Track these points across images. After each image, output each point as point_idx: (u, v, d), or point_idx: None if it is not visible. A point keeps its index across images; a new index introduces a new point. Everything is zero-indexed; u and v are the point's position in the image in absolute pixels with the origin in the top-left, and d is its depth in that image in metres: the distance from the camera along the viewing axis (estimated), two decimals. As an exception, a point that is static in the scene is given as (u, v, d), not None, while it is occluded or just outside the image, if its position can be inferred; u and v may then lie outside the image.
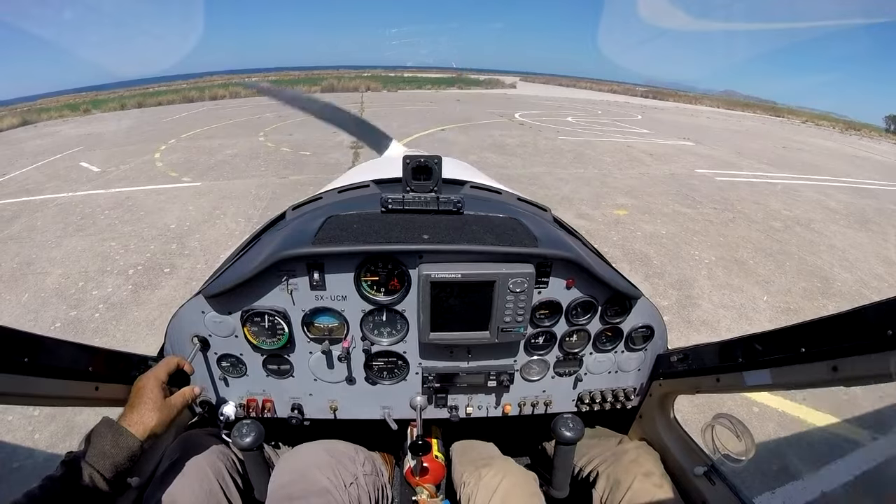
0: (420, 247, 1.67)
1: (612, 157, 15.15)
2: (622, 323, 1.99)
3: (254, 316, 1.79)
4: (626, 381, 2.17)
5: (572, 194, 10.51)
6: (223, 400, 2.02)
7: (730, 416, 1.70)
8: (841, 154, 21.18)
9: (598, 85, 72.98)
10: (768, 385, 1.44)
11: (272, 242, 1.79)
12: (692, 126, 26.37)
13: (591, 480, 1.94)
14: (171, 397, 1.53)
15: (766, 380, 1.44)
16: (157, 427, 1.42)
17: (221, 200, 9.59)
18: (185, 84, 53.70)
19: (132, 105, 32.79)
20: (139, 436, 1.36)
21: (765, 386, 1.47)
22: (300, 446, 1.88)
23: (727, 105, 49.45)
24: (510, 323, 1.76)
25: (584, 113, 29.66)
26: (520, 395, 2.13)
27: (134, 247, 7.39)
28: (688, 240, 8.23)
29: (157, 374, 1.54)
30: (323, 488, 1.64)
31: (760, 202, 10.92)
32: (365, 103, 29.54)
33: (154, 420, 1.42)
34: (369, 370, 1.98)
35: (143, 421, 1.41)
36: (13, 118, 25.72)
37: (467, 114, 25.30)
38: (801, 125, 37.56)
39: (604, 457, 2.01)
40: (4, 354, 1.22)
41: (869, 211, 10.93)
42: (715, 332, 5.42)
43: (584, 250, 1.92)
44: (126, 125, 22.36)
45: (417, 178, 1.90)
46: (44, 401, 1.49)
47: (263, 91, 3.79)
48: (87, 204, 9.59)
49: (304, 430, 2.06)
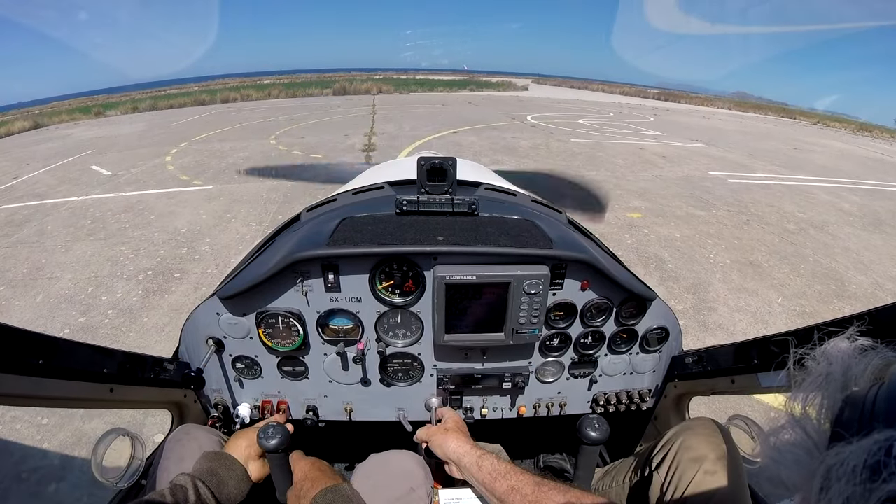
0: (435, 248, 1.67)
1: (624, 160, 15.08)
2: (637, 325, 1.98)
3: (268, 317, 1.79)
4: (641, 382, 2.16)
5: (584, 197, 10.45)
6: (238, 402, 2.02)
7: (745, 418, 1.68)
8: (853, 155, 20.94)
9: (610, 87, 72.69)
10: (784, 387, 1.42)
11: (287, 244, 1.80)
12: (704, 128, 26.19)
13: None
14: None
15: (782, 381, 1.42)
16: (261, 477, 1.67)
17: (232, 204, 9.61)
18: (197, 87, 54.04)
19: (144, 108, 33.06)
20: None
21: (780, 388, 1.45)
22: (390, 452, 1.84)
23: (739, 107, 49.05)
24: (525, 325, 1.75)
25: (595, 115, 29.55)
26: (535, 397, 2.12)
27: (144, 251, 7.41)
28: (702, 243, 8.16)
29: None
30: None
31: (774, 204, 10.82)
32: (377, 106, 29.63)
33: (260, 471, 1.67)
34: (384, 372, 1.97)
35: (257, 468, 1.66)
36: (25, 121, 26.07)
37: (479, 116, 25.28)
38: (812, 126, 37.24)
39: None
40: (19, 356, 1.22)
41: (883, 213, 10.79)
42: (731, 336, 5.35)
43: (599, 252, 1.91)
44: (137, 128, 22.56)
45: (432, 179, 1.90)
46: (58, 402, 1.50)
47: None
48: (97, 208, 9.65)
49: (319, 431, 2.06)
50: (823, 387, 0.65)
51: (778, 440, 0.66)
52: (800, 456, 0.61)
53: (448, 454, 1.63)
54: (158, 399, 1.91)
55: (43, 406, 2.36)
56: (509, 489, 1.38)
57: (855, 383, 0.62)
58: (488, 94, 49.53)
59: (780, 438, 0.66)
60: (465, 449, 1.59)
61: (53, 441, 3.74)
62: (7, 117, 29.54)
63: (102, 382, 1.55)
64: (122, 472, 1.55)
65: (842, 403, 0.60)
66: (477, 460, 1.52)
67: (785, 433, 0.65)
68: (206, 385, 1.87)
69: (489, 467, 1.47)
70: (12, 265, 7.02)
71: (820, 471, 0.54)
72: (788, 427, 0.66)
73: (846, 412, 0.58)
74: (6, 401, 1.25)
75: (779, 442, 0.66)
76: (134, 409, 3.62)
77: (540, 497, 1.31)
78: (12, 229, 8.54)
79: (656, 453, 1.70)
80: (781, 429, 0.66)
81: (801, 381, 0.70)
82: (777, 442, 0.66)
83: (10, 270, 6.86)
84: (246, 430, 1.77)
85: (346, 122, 22.44)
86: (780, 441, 0.65)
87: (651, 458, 1.72)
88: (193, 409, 2.04)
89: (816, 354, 0.72)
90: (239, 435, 1.72)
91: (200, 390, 1.98)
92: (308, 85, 49.11)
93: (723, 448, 1.53)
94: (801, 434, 0.63)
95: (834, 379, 0.65)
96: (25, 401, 1.33)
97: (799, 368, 0.72)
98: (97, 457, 1.48)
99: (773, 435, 0.67)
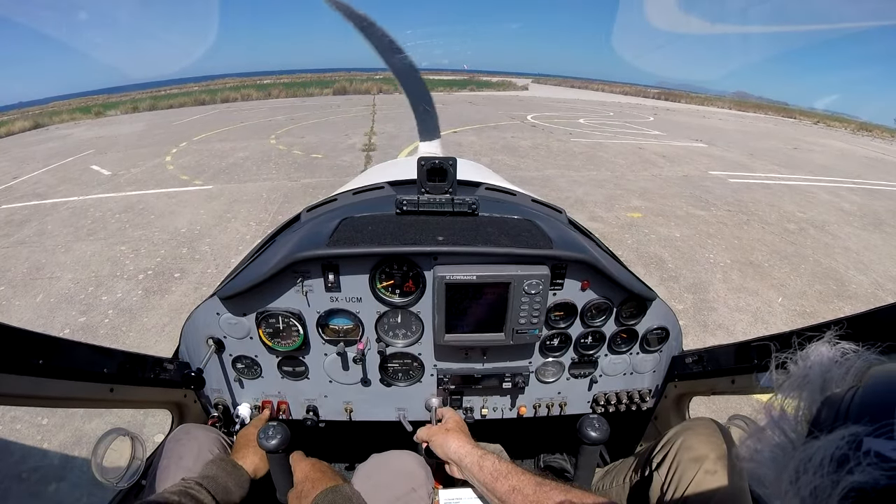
0: (435, 248, 1.67)
1: (624, 159, 15.08)
2: (637, 325, 1.98)
3: (269, 317, 1.79)
4: (641, 382, 2.16)
5: (585, 196, 10.46)
6: (238, 402, 2.02)
7: (745, 418, 1.68)
8: (853, 155, 20.92)
9: (610, 87, 72.62)
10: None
11: (287, 244, 1.80)
12: (704, 127, 26.18)
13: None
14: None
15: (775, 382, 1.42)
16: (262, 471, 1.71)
17: (232, 204, 9.62)
18: (197, 87, 54.00)
19: (144, 108, 33.07)
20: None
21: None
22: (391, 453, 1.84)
23: (739, 106, 48.98)
24: (525, 325, 1.75)
25: (596, 115, 29.53)
26: (535, 397, 2.12)
27: (144, 251, 7.41)
28: (702, 242, 8.16)
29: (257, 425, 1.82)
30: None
31: (774, 204, 10.81)
32: (377, 105, 29.61)
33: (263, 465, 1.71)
34: (384, 372, 1.97)
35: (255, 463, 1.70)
36: (25, 121, 26.09)
37: (480, 116, 25.26)
38: (813, 126, 37.22)
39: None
40: (19, 356, 1.22)
41: (883, 212, 10.79)
42: (731, 336, 5.35)
43: (599, 252, 1.91)
44: (137, 128, 22.56)
45: (432, 179, 1.90)
46: (58, 402, 1.50)
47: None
48: (97, 208, 9.66)
49: (320, 431, 2.06)
50: (802, 388, 0.67)
51: (758, 441, 0.67)
52: (776, 454, 0.62)
53: (449, 454, 1.63)
54: (158, 399, 1.91)
55: (43, 406, 2.36)
56: (510, 489, 1.38)
57: (835, 385, 0.63)
58: (488, 93, 49.50)
59: (760, 439, 0.67)
60: (467, 449, 1.59)
61: (53, 441, 3.74)
62: (7, 117, 29.56)
63: (102, 382, 1.55)
64: (122, 472, 1.55)
65: (819, 404, 0.61)
66: (478, 460, 1.52)
67: (765, 434, 0.67)
68: (206, 385, 1.87)
69: (490, 467, 1.47)
70: (12, 265, 7.02)
71: (791, 465, 0.56)
72: (768, 428, 0.67)
73: (823, 412, 0.59)
74: (6, 401, 1.24)
75: (759, 442, 0.67)
76: (134, 409, 3.62)
77: (541, 497, 1.31)
78: (12, 229, 8.55)
79: (656, 453, 1.70)
80: (762, 430, 0.68)
81: (781, 384, 0.72)
82: (757, 442, 0.67)
83: (11, 270, 6.86)
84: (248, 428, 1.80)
85: (346, 121, 22.45)
86: (761, 441, 0.67)
87: (651, 458, 1.72)
88: (193, 409, 2.04)
89: (797, 357, 0.73)
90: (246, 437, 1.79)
91: (200, 390, 1.98)
92: (308, 85, 49.08)
93: (723, 448, 1.53)
94: (779, 434, 0.65)
95: (812, 381, 0.66)
96: (25, 401, 1.33)
97: (781, 371, 0.74)
98: (97, 457, 1.47)
99: (754, 436, 0.68)
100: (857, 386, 0.59)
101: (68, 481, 3.40)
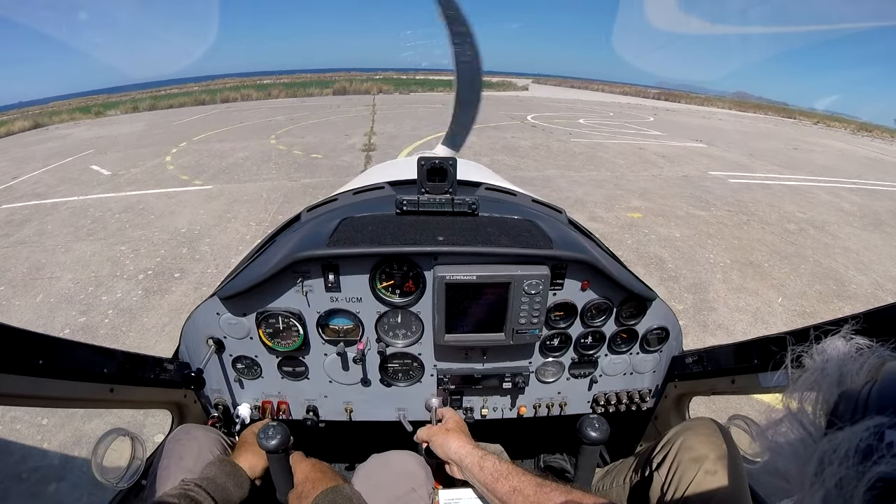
0: (435, 248, 1.66)
1: (624, 160, 15.07)
2: (637, 325, 1.98)
3: (269, 317, 1.79)
4: (641, 382, 2.16)
5: (585, 196, 10.45)
6: (238, 402, 2.02)
7: (745, 418, 1.68)
8: (853, 155, 20.91)
9: (610, 87, 72.56)
10: (783, 386, 1.43)
11: (287, 244, 1.80)
12: (704, 128, 26.17)
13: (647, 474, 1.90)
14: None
15: (781, 381, 1.42)
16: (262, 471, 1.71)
17: (232, 204, 9.62)
18: (197, 87, 53.98)
19: (144, 108, 33.02)
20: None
21: (780, 387, 1.45)
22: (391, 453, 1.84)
23: (739, 107, 48.94)
24: (525, 325, 1.75)
25: (596, 115, 29.50)
26: (535, 397, 2.12)
27: (144, 251, 7.41)
28: (702, 243, 8.16)
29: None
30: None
31: (774, 204, 10.81)
32: (377, 106, 29.59)
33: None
34: (384, 372, 1.97)
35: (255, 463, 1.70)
36: (25, 121, 26.06)
37: (480, 116, 25.07)
38: (813, 126, 37.20)
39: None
40: (19, 356, 1.22)
41: (883, 213, 10.78)
42: (731, 336, 5.34)
43: (599, 252, 1.91)
44: (137, 128, 22.54)
45: (432, 179, 1.90)
46: (58, 403, 1.49)
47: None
48: (97, 208, 9.65)
49: (320, 431, 2.06)
50: (819, 382, 0.67)
51: (776, 434, 0.67)
52: (797, 447, 0.62)
53: (449, 454, 1.63)
54: (158, 399, 1.91)
55: (43, 406, 2.35)
56: (511, 490, 1.38)
57: (851, 381, 0.63)
58: (488, 93, 49.43)
59: (777, 432, 0.67)
60: (467, 449, 1.59)
61: (53, 441, 3.74)
62: (7, 117, 29.51)
63: (103, 382, 1.55)
64: (122, 473, 1.54)
65: (836, 398, 0.61)
66: (478, 461, 1.52)
67: (782, 427, 0.67)
68: (206, 385, 1.87)
69: (491, 468, 1.47)
70: (12, 265, 7.01)
71: (814, 457, 0.56)
72: (786, 421, 0.67)
73: (841, 405, 0.59)
74: (6, 401, 1.24)
75: (776, 436, 0.67)
76: (134, 409, 3.62)
77: (542, 498, 1.31)
78: (12, 229, 8.54)
79: (656, 453, 1.70)
80: (779, 423, 0.68)
81: (797, 378, 0.72)
82: (775, 436, 0.67)
83: (11, 270, 6.85)
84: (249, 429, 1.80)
85: (346, 121, 22.43)
86: (778, 435, 0.67)
87: (651, 458, 1.72)
88: (193, 409, 2.04)
89: (813, 352, 0.73)
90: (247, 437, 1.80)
91: (200, 390, 1.98)
92: (308, 85, 49.05)
93: (723, 448, 1.53)
94: (797, 427, 0.65)
95: (829, 375, 0.66)
96: (25, 401, 1.33)
97: (796, 366, 0.74)
98: (97, 457, 1.47)
99: (770, 429, 0.69)
100: (873, 381, 0.59)
101: (68, 481, 3.40)
